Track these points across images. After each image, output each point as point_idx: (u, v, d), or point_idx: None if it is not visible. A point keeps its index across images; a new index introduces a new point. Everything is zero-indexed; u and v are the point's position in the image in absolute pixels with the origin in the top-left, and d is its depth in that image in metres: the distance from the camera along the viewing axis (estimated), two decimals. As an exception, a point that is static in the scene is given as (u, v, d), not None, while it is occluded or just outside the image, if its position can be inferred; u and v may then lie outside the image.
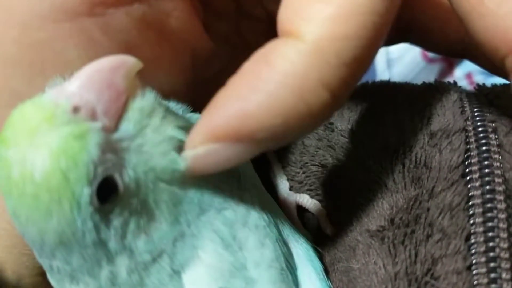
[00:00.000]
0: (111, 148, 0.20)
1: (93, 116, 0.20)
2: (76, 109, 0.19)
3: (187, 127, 0.21)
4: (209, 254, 0.22)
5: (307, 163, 0.29)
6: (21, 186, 0.19)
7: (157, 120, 0.21)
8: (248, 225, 0.23)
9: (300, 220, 0.28)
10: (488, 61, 0.22)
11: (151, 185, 0.21)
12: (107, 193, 0.20)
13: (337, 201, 0.27)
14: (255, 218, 0.23)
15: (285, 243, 0.24)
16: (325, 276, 0.24)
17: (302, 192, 0.29)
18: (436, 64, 0.48)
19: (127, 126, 0.20)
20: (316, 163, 0.28)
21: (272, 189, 0.29)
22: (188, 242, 0.22)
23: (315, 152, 0.29)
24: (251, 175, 0.25)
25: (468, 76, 0.48)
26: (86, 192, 0.19)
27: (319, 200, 0.28)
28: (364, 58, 0.20)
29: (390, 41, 0.31)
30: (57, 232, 0.19)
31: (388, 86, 0.29)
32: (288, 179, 0.30)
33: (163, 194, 0.21)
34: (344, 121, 0.28)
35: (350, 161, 0.27)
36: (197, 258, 0.22)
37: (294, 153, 0.30)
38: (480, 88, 0.27)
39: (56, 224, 0.19)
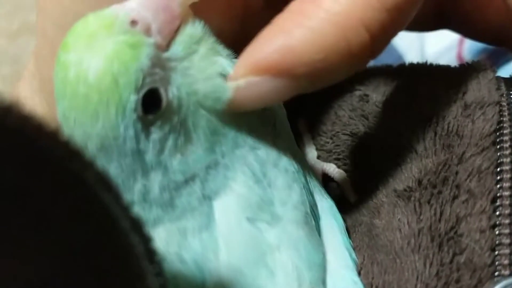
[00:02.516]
0: (160, 64, 0.21)
1: (147, 32, 0.21)
2: (133, 23, 0.21)
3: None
4: (240, 185, 0.22)
5: (338, 132, 0.29)
6: (75, 86, 0.20)
7: (204, 48, 0.22)
8: (278, 167, 0.23)
9: (324, 189, 0.29)
10: None
11: (192, 107, 0.22)
12: (151, 105, 0.21)
13: (366, 168, 0.28)
14: (286, 162, 0.24)
15: (311, 193, 0.25)
16: (346, 232, 0.25)
17: (330, 161, 0.29)
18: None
19: (177, 48, 0.22)
20: (347, 132, 0.29)
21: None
22: (221, 171, 0.22)
23: (347, 122, 0.29)
24: (285, 125, 0.25)
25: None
26: (132, 99, 0.20)
27: (346, 170, 0.28)
28: (404, 7, 0.21)
29: (430, 27, 0.31)
30: (101, 136, 0.20)
31: (425, 65, 0.30)
32: (317, 149, 0.30)
33: (202, 120, 0.22)
34: (379, 93, 0.29)
35: (382, 129, 0.27)
36: (228, 187, 0.22)
37: (326, 123, 0.30)
38: None
39: (101, 127, 0.20)
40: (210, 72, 0.22)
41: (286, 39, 0.21)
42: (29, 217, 0.13)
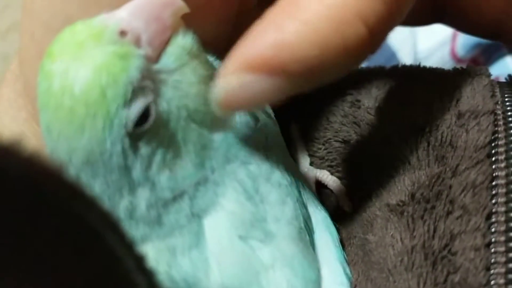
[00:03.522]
0: (150, 76, 0.20)
1: (137, 43, 0.20)
2: (123, 33, 0.20)
3: None
4: (231, 202, 0.22)
5: (330, 139, 0.29)
6: (59, 98, 0.19)
7: (196, 60, 0.22)
8: (271, 181, 0.23)
9: (318, 196, 0.28)
10: None
11: (182, 122, 0.21)
12: (140, 120, 0.20)
13: (358, 177, 0.27)
14: (278, 176, 0.23)
15: (304, 206, 0.24)
16: (340, 245, 0.24)
17: (323, 168, 0.29)
18: (464, 64, 0.48)
19: (167, 60, 0.21)
20: (340, 139, 0.28)
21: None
22: (211, 188, 0.22)
23: (339, 128, 0.28)
24: (277, 137, 0.25)
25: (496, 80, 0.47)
26: (121, 113, 0.19)
27: (339, 177, 0.28)
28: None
29: (424, 21, 0.30)
30: (86, 150, 0.20)
31: (418, 69, 0.29)
32: (309, 155, 0.30)
33: (193, 134, 0.21)
34: (371, 99, 0.28)
35: (374, 137, 0.27)
36: (219, 205, 0.22)
37: (318, 129, 0.30)
38: None
39: (86, 141, 0.19)
40: (201, 85, 0.22)
41: (278, 34, 0.19)
42: (32, 260, 0.13)
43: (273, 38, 0.19)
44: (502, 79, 0.42)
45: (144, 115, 0.20)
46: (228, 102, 0.21)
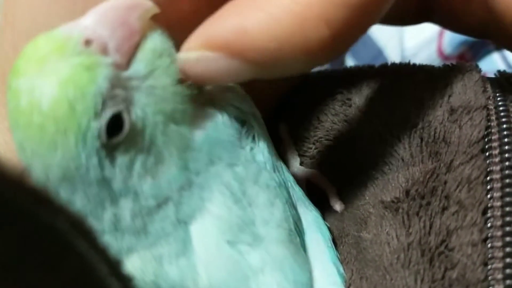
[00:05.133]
0: (121, 85, 0.20)
1: (104, 51, 0.19)
2: (88, 42, 0.19)
3: None
4: (218, 207, 0.21)
5: (321, 137, 0.28)
6: (28, 115, 0.19)
7: (168, 62, 0.21)
8: (258, 183, 0.22)
9: (308, 196, 0.28)
10: (510, 40, 0.22)
11: (160, 126, 0.20)
12: (114, 130, 0.19)
13: (350, 176, 0.27)
14: (266, 178, 0.23)
15: (294, 207, 0.24)
16: (333, 245, 0.24)
17: (313, 168, 0.28)
18: (452, 61, 0.47)
19: (138, 66, 0.20)
20: (331, 138, 0.28)
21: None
22: (196, 192, 0.21)
23: (330, 127, 0.28)
24: (264, 137, 0.24)
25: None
26: (92, 126, 0.19)
27: (330, 176, 0.28)
28: (371, 5, 0.20)
29: (412, 20, 0.30)
30: (61, 167, 0.19)
31: (409, 66, 0.29)
32: (299, 155, 0.29)
33: (173, 137, 0.21)
34: (362, 97, 0.28)
35: (366, 135, 0.26)
36: (205, 210, 0.21)
37: (308, 129, 0.29)
38: (501, 73, 0.27)
39: (60, 157, 0.19)
40: (176, 86, 0.21)
41: (242, 20, 0.19)
42: None
43: (236, 23, 0.20)
44: (490, 75, 0.42)
45: (117, 125, 0.19)
46: (186, 73, 0.21)
